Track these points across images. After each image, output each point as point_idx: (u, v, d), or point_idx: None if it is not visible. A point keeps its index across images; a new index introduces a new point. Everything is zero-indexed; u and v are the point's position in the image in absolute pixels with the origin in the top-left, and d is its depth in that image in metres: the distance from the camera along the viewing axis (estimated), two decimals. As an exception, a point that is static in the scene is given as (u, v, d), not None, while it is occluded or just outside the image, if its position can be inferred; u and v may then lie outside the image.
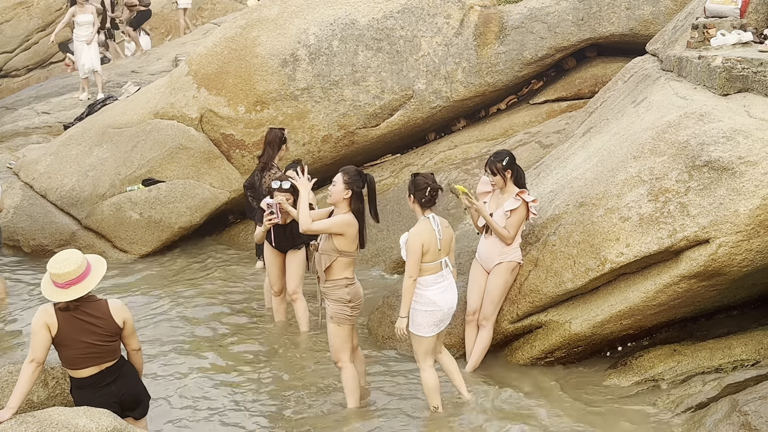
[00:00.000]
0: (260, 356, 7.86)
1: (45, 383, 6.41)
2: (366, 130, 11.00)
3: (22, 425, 4.88)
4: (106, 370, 5.46)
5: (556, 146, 9.27)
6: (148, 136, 11.40)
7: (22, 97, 17.66)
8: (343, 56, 10.93)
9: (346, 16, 11.09)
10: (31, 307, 9.37)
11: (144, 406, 5.67)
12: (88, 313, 5.35)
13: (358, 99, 10.91)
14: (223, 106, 11.11)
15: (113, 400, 5.45)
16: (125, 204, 11.04)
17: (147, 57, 18.35)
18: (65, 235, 11.15)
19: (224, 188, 11.22)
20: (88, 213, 11.19)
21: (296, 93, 10.94)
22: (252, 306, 9.11)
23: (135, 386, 5.57)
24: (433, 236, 6.31)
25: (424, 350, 6.42)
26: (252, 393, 7.15)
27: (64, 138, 12.49)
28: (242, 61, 11.12)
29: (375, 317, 8.26)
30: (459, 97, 11.02)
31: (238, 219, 11.81)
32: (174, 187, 11.08)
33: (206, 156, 11.20)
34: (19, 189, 11.63)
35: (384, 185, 10.89)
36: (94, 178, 11.36)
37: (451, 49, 10.95)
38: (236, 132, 11.10)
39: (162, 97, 11.67)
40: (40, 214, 11.33)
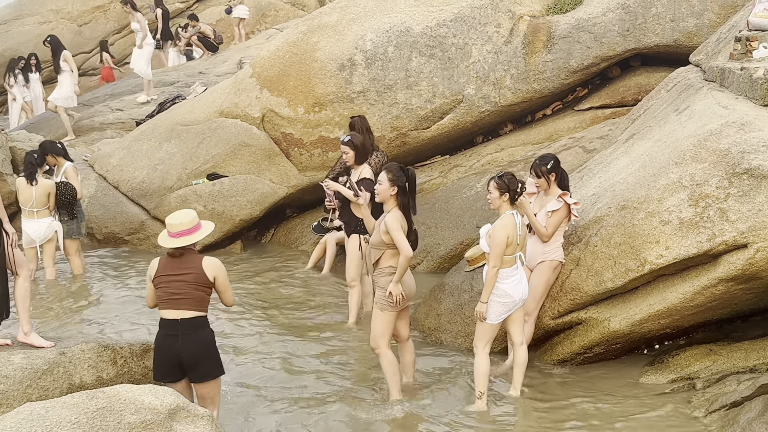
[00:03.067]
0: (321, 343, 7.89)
1: (114, 362, 6.52)
2: (417, 132, 10.98)
3: (93, 400, 4.94)
4: (180, 320, 5.62)
5: (599, 151, 9.16)
6: (214, 133, 11.52)
7: (99, 94, 17.96)
8: (397, 62, 10.92)
9: (402, 24, 11.07)
10: (105, 287, 9.54)
11: (203, 375, 5.69)
12: (183, 260, 5.67)
13: (411, 102, 10.89)
14: (283, 107, 11.18)
15: (175, 353, 5.63)
16: (191, 196, 11.16)
17: (214, 59, 18.54)
18: (135, 224, 11.32)
19: (283, 184, 11.29)
20: (156, 204, 11.34)
21: (352, 96, 10.95)
22: (302, 297, 9.16)
23: (199, 351, 5.63)
24: (515, 231, 6.40)
25: (488, 337, 6.48)
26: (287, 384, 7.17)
27: (136, 133, 12.69)
28: (302, 65, 11.17)
29: (422, 309, 8.25)
30: (507, 102, 10.94)
31: (295, 213, 11.88)
32: (236, 181, 11.17)
33: (267, 153, 11.28)
34: (93, 180, 11.84)
35: (433, 185, 10.87)
36: (162, 172, 11.52)
37: (501, 57, 10.88)
38: (295, 131, 11.15)
39: (227, 97, 11.78)
40: (112, 204, 11.52)
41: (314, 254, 10.25)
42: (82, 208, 9.82)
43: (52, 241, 9.44)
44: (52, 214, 9.42)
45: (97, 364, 6.41)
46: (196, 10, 22.69)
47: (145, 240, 11.27)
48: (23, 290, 6.41)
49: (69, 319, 8.57)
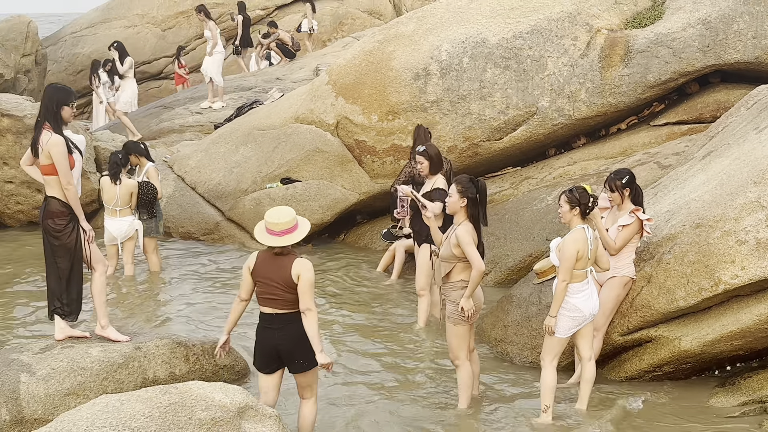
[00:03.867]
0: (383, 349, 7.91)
1: (186, 358, 6.65)
2: (489, 143, 10.92)
3: (166, 395, 5.04)
4: (276, 315, 5.70)
5: (674, 168, 8.97)
6: (289, 138, 11.66)
7: (179, 97, 18.35)
8: (472, 72, 10.88)
9: (478, 35, 11.04)
10: (180, 284, 9.73)
11: (299, 365, 5.76)
12: (279, 259, 5.70)
13: (484, 113, 10.84)
14: (357, 114, 11.25)
15: (273, 344, 5.72)
16: (264, 199, 11.31)
17: (291, 66, 18.77)
18: (210, 224, 11.52)
19: (354, 190, 11.35)
20: (231, 206, 11.53)
21: (426, 105, 10.96)
22: (369, 299, 9.19)
23: (294, 344, 5.69)
24: (586, 245, 6.32)
25: (556, 350, 6.42)
26: (369, 384, 7.19)
27: (214, 136, 12.92)
28: (378, 74, 11.22)
29: (488, 320, 8.19)
30: (581, 115, 10.81)
31: (365, 219, 11.93)
32: (309, 186, 11.28)
33: (340, 159, 11.36)
34: (172, 181, 12.10)
35: (503, 196, 10.79)
36: (238, 175, 11.70)
37: (576, 70, 10.75)
38: (368, 139, 11.21)
39: (303, 103, 11.91)
40: (189, 204, 11.75)
41: (384, 260, 10.28)
42: (161, 207, 10.04)
43: (132, 239, 9.67)
44: (133, 213, 9.66)
45: (170, 360, 6.55)
46: (276, 18, 23.00)
47: (219, 240, 11.47)
48: (99, 285, 6.58)
49: (144, 315, 8.76)
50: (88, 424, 4.71)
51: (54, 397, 5.96)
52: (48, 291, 6.54)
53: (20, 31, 20.51)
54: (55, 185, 6.35)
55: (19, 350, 6.43)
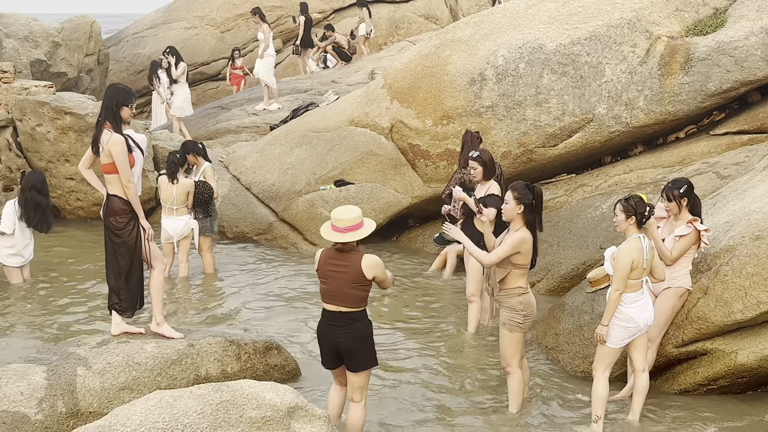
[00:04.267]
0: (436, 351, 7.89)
1: (238, 357, 6.71)
2: (544, 149, 10.82)
3: (218, 392, 5.09)
4: (340, 313, 5.78)
5: (734, 178, 8.78)
6: (343, 141, 11.71)
7: (236, 99, 18.55)
8: (528, 78, 10.80)
9: (535, 41, 10.95)
10: (233, 284, 9.84)
11: (356, 364, 5.84)
12: (344, 256, 5.76)
13: (540, 119, 10.75)
14: (412, 118, 11.25)
15: (334, 342, 5.80)
16: (317, 201, 11.38)
17: (347, 69, 18.85)
18: (264, 225, 11.63)
19: (407, 194, 11.35)
20: (284, 207, 11.62)
21: (481, 110, 10.91)
22: (420, 301, 9.16)
23: (355, 343, 5.77)
24: (641, 255, 6.23)
25: (608, 361, 6.35)
26: (420, 387, 7.18)
27: (270, 138, 13.04)
28: (433, 78, 11.21)
29: (540, 328, 8.11)
30: (638, 123, 10.65)
31: (417, 223, 11.92)
32: (362, 189, 11.32)
33: (393, 163, 11.37)
34: (227, 181, 12.24)
35: (557, 203, 10.68)
36: (292, 176, 11.79)
37: (635, 77, 10.59)
38: (422, 143, 11.20)
39: (358, 106, 11.95)
40: (243, 204, 11.88)
41: (435, 263, 10.27)
42: (216, 207, 10.16)
43: (187, 238, 9.81)
44: (190, 212, 9.79)
45: (222, 358, 6.61)
46: (333, 21, 23.14)
47: (272, 241, 11.56)
48: (157, 282, 6.69)
49: (198, 312, 8.88)
50: (142, 419, 4.78)
51: (109, 390, 6.07)
52: (108, 287, 6.66)
53: (84, 31, 20.98)
54: (116, 183, 6.47)
55: (76, 344, 6.56)
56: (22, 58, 17.04)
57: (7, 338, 8.11)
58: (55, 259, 10.97)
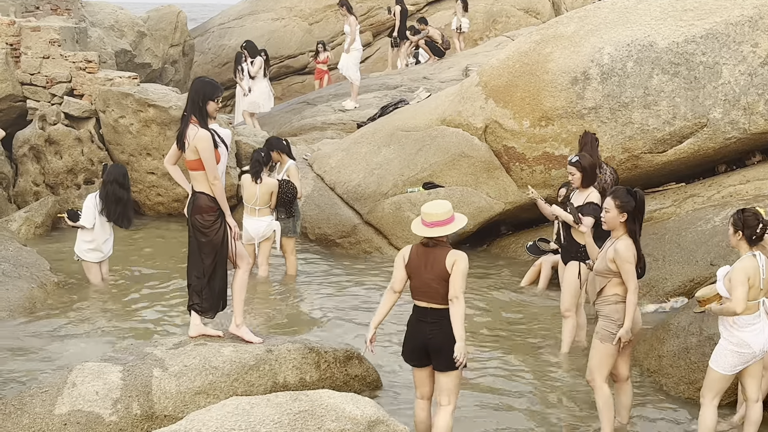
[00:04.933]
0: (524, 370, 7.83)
1: (317, 365, 6.78)
2: (651, 155, 10.60)
3: (296, 402, 5.16)
4: (430, 309, 5.87)
5: None
6: (434, 141, 11.71)
7: (323, 94, 18.77)
8: (636, 78, 10.60)
9: (645, 38, 10.74)
10: (315, 288, 9.94)
11: (445, 364, 5.84)
12: (433, 253, 5.87)
13: (647, 123, 10.53)
14: (508, 119, 11.17)
15: (423, 338, 5.88)
16: (404, 204, 11.41)
17: (439, 65, 18.85)
18: (347, 227, 11.72)
19: (500, 199, 11.28)
20: (370, 209, 11.69)
21: (583, 112, 10.76)
22: (511, 314, 9.08)
23: (445, 340, 5.80)
24: (757, 274, 6.06)
25: (718, 388, 6.20)
26: (505, 410, 7.13)
27: (356, 136, 13.15)
28: (532, 76, 11.11)
29: (642, 348, 7.95)
30: (758, 129, 10.32)
31: (510, 231, 11.83)
32: (452, 192, 11.29)
33: (486, 166, 11.32)
34: (311, 180, 12.40)
35: (664, 214, 10.44)
36: (378, 177, 11.86)
37: (755, 80, 10.28)
38: (518, 145, 11.11)
39: (450, 104, 11.94)
40: (327, 205, 12.00)
41: (528, 274, 10.17)
42: (299, 207, 10.30)
43: (269, 240, 9.96)
44: (272, 213, 9.94)
45: (301, 365, 6.69)
46: (426, 14, 23.17)
47: (356, 245, 11.64)
48: (241, 282, 6.81)
49: (277, 317, 9.00)
50: (218, 426, 4.88)
51: (185, 394, 6.20)
52: (188, 285, 6.81)
53: (170, 21, 21.54)
54: (202, 180, 6.60)
55: (153, 344, 6.74)
56: (107, 48, 17.62)
57: (83, 336, 8.39)
58: (133, 255, 11.30)
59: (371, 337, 6.03)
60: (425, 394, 6.09)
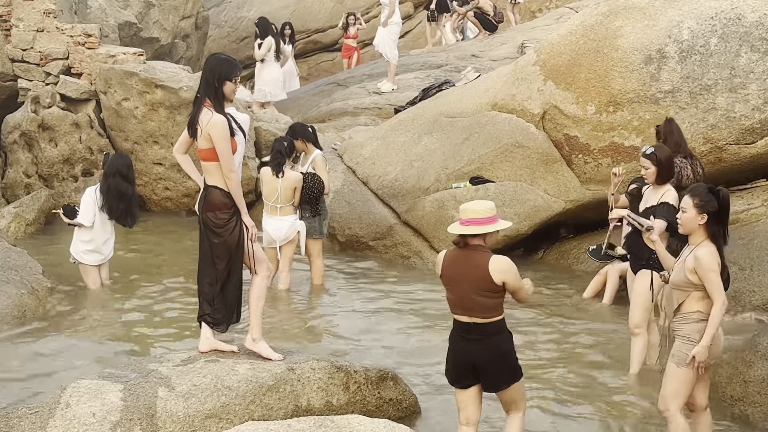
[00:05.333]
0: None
1: (346, 386, 6.80)
2: (738, 147, 10.50)
3: (321, 429, 5.18)
4: (473, 324, 5.93)
5: None
6: (483, 129, 11.69)
7: (355, 74, 18.81)
8: (721, 57, 10.50)
9: (732, 10, 10.64)
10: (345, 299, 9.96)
11: (496, 383, 5.93)
12: (469, 260, 5.93)
13: (734, 109, 10.43)
14: (570, 103, 11.12)
15: (468, 358, 5.95)
16: (448, 202, 11.40)
17: (490, 41, 18.81)
18: (382, 227, 11.74)
19: (560, 197, 11.23)
20: (408, 207, 11.69)
21: (658, 96, 10.68)
22: (572, 333, 9.06)
23: (492, 360, 5.87)
24: None
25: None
26: None
27: (394, 122, 13.16)
28: (599, 54, 11.06)
29: (723, 372, 7.87)
30: None
31: (571, 234, 11.77)
32: (504, 189, 11.27)
33: (544, 158, 11.28)
34: (341, 173, 12.43)
35: (752, 215, 10.37)
36: (419, 170, 11.86)
37: None
38: (581, 134, 11.06)
39: (503, 86, 11.92)
40: (359, 202, 12.02)
41: (592, 284, 10.12)
42: (326, 204, 10.31)
43: (292, 243, 9.94)
44: (296, 211, 9.94)
45: (327, 386, 6.71)
46: (475, -19, 23.11)
47: (392, 248, 11.65)
48: (259, 291, 6.82)
49: (300, 331, 9.04)
50: (231, 455, 4.90)
51: (194, 418, 6.24)
52: (199, 294, 6.84)
53: (180, -11, 21.67)
54: (216, 173, 6.62)
55: (158, 360, 6.79)
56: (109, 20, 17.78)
57: (79, 350, 8.47)
58: (137, 258, 11.40)
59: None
60: (471, 419, 6.11)
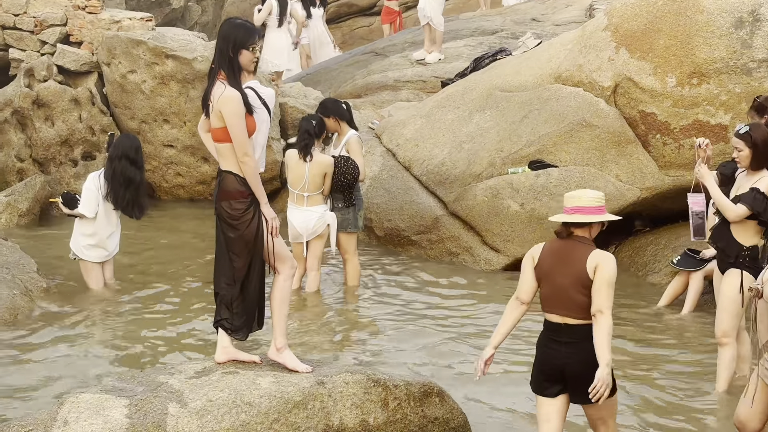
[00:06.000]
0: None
1: (385, 403, 6.80)
2: None
3: (355, 452, 5.19)
4: (566, 326, 5.97)
5: None
6: (544, 105, 11.65)
7: (396, 41, 18.75)
8: (825, 19, 10.41)
9: (837, -36, 10.54)
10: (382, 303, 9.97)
11: (584, 394, 5.88)
12: (570, 252, 6.01)
13: (841, 82, 10.34)
14: (646, 75, 11.05)
15: (557, 363, 6.00)
16: (504, 190, 11.37)
17: (554, 2, 18.72)
18: (427, 220, 11.72)
19: (634, 184, 11.16)
20: (457, 196, 11.67)
21: (750, 66, 10.61)
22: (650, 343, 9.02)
23: (584, 367, 5.87)
24: None
25: None
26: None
27: (440, 98, 13.13)
28: (680, 17, 10.99)
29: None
30: None
31: (647, 228, 11.70)
32: (569, 175, 11.22)
33: (615, 138, 11.22)
34: (379, 156, 12.43)
35: None
36: (469, 153, 11.83)
37: None
38: (660, 111, 11.00)
39: (568, 55, 11.86)
40: (399, 190, 12.02)
41: (670, 289, 10.05)
42: (361, 193, 10.31)
43: (321, 238, 9.94)
44: (326, 201, 9.95)
45: (362, 403, 6.71)
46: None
47: (437, 244, 11.65)
48: (283, 292, 6.81)
49: (332, 339, 9.07)
50: (252, 481, 4.93)
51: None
52: (215, 296, 6.84)
53: (195, -55, 21.81)
54: (230, 156, 6.60)
55: (169, 372, 6.82)
56: (113, -19, 17.90)
57: (79, 359, 8.56)
58: (145, 254, 11.47)
59: (487, 359, 6.16)
60: None
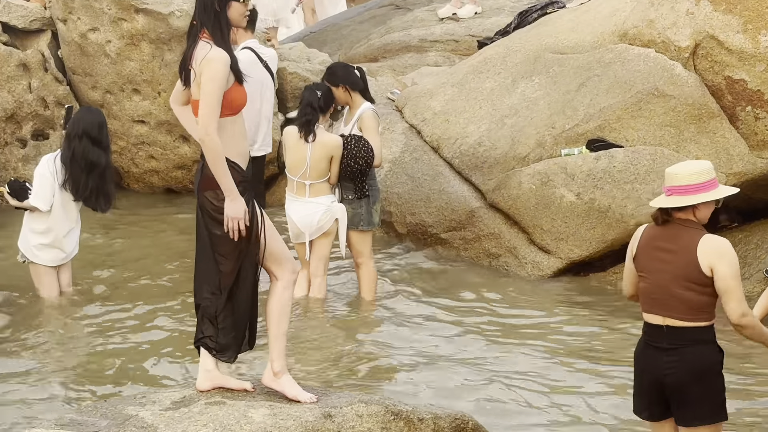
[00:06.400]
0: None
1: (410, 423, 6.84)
2: None
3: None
4: (667, 328, 6.03)
5: None
6: (606, 70, 11.63)
7: (422, -9, 18.76)
8: None
9: None
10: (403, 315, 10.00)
11: (690, 415, 5.99)
12: (674, 239, 6.06)
13: None
14: (733, 32, 11.04)
15: (657, 373, 6.06)
16: (557, 176, 11.35)
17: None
18: (460, 213, 11.72)
19: (719, 168, 11.07)
20: (497, 183, 11.66)
21: None
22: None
23: (688, 377, 5.95)
24: None
25: None
26: None
27: (476, 62, 13.12)
28: (778, -41, 11.01)
29: None
30: None
31: (735, 223, 11.68)
32: (637, 156, 11.21)
33: (695, 111, 11.21)
34: (400, 134, 12.42)
35: None
36: (513, 130, 11.83)
37: None
38: (750, 77, 10.99)
39: (636, 8, 11.84)
40: (426, 177, 12.01)
41: (762, 299, 10.07)
42: (377, 181, 10.30)
43: (328, 236, 9.95)
44: (333, 190, 9.99)
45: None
46: None
47: (473, 243, 11.65)
48: (282, 304, 6.81)
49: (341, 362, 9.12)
50: None
51: (190, 484, 6.33)
52: (196, 308, 6.86)
53: None
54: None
55: (139, 402, 6.85)
56: None
57: (31, 385, 8.60)
58: (109, 256, 11.52)
59: None
60: None
